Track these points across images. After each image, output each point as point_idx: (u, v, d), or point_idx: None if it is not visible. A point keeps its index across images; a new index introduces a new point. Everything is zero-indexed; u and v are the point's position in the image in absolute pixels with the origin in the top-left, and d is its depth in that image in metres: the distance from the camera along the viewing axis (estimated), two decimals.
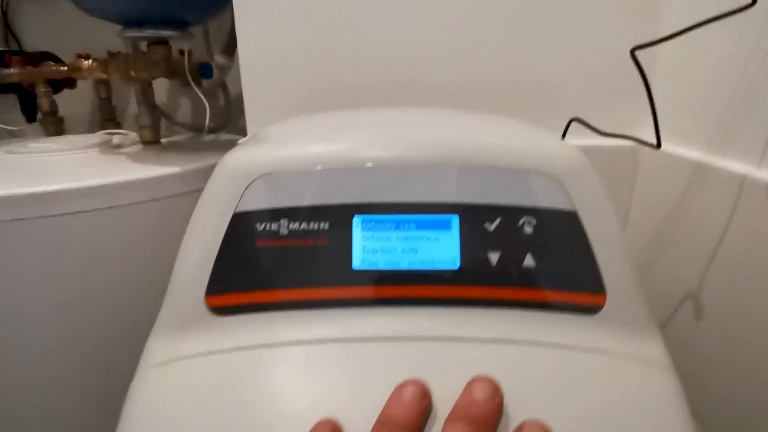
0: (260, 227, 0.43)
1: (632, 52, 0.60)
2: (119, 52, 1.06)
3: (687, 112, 0.73)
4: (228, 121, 1.28)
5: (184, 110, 1.37)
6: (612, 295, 0.42)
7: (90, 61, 1.03)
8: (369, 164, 0.43)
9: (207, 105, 1.08)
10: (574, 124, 0.76)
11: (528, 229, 0.42)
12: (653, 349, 0.42)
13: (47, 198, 0.76)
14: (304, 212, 0.43)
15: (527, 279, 0.42)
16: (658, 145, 0.62)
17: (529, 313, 0.42)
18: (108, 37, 1.07)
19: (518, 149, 0.44)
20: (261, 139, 0.50)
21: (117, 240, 0.83)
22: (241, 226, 0.43)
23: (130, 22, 0.97)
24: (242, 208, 0.43)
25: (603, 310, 0.42)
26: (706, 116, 0.69)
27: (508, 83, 0.83)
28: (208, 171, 0.46)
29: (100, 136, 1.12)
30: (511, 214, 0.43)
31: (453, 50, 0.82)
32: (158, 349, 0.43)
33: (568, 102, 0.83)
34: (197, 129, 1.29)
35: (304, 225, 0.43)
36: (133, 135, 1.17)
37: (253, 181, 0.43)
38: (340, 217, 0.43)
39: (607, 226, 0.43)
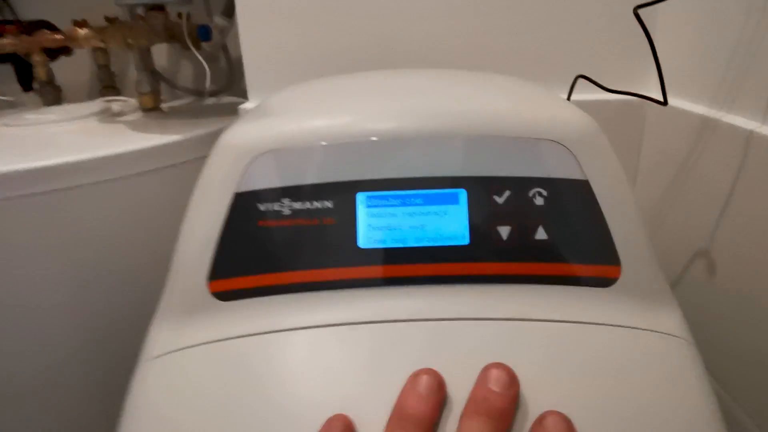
0: (263, 207, 0.41)
1: (635, 10, 0.58)
2: (116, 19, 1.03)
3: (691, 66, 0.72)
4: (230, 84, 1.26)
5: (185, 74, 1.34)
6: (627, 266, 0.41)
7: (85, 29, 0.99)
8: (371, 138, 0.42)
9: (207, 68, 1.06)
10: (579, 81, 0.74)
11: (538, 201, 0.41)
12: (670, 320, 0.41)
13: (46, 173, 0.74)
14: (307, 191, 0.41)
15: (539, 253, 0.41)
16: (665, 101, 0.61)
17: (542, 288, 0.40)
18: (106, 2, 1.05)
19: (525, 117, 0.43)
20: (261, 112, 0.49)
21: (121, 213, 0.82)
22: (242, 206, 0.41)
23: None
24: (243, 187, 0.41)
25: (618, 282, 0.41)
26: (709, 71, 0.68)
27: (512, 41, 0.81)
28: (210, 137, 0.45)
29: (99, 104, 1.10)
30: (520, 185, 0.41)
31: (456, 9, 0.80)
32: (160, 338, 0.42)
33: (571, 59, 0.82)
34: (199, 93, 1.27)
35: (307, 204, 0.41)
36: (133, 102, 1.15)
37: (253, 160, 0.42)
38: (343, 194, 0.41)
39: (620, 195, 0.42)
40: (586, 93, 0.75)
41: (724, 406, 0.64)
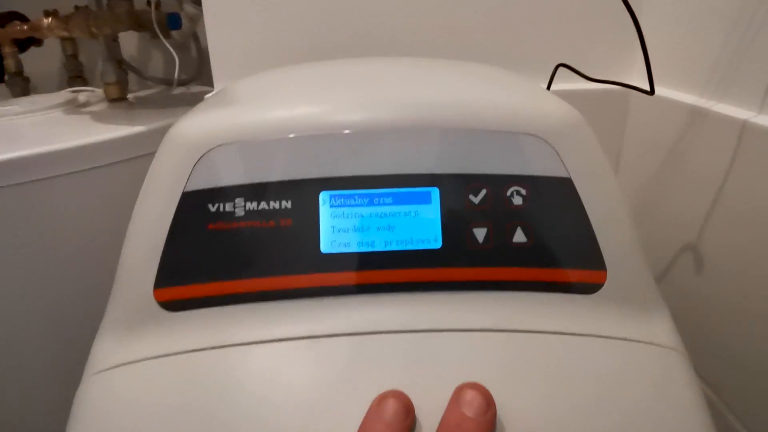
0: (213, 208, 0.37)
1: None
2: (85, 8, 1.00)
3: (679, 53, 0.69)
4: (200, 73, 1.22)
5: (155, 62, 1.31)
6: (613, 271, 0.37)
7: (50, 18, 0.97)
8: (336, 132, 0.38)
9: (176, 57, 1.03)
10: (559, 70, 0.71)
11: (517, 200, 0.37)
12: (660, 329, 0.38)
13: (6, 166, 0.72)
14: (263, 189, 0.37)
15: (518, 257, 0.37)
16: (652, 91, 0.57)
17: (521, 295, 0.37)
18: None
19: (502, 109, 0.39)
20: (215, 102, 0.45)
21: (85, 206, 0.79)
22: (191, 207, 0.37)
23: None
24: (192, 186, 0.38)
25: (603, 288, 0.37)
26: (699, 58, 0.65)
27: (489, 28, 0.78)
28: None
29: (64, 95, 1.07)
30: (497, 183, 0.38)
31: None
32: (103, 351, 0.38)
33: (550, 46, 0.79)
34: (168, 82, 1.23)
35: (263, 204, 0.37)
36: (100, 92, 1.12)
37: (203, 155, 0.38)
38: (304, 193, 0.37)
39: (606, 193, 0.38)
40: (566, 82, 0.72)
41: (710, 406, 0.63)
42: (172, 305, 0.37)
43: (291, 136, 0.38)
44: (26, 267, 0.76)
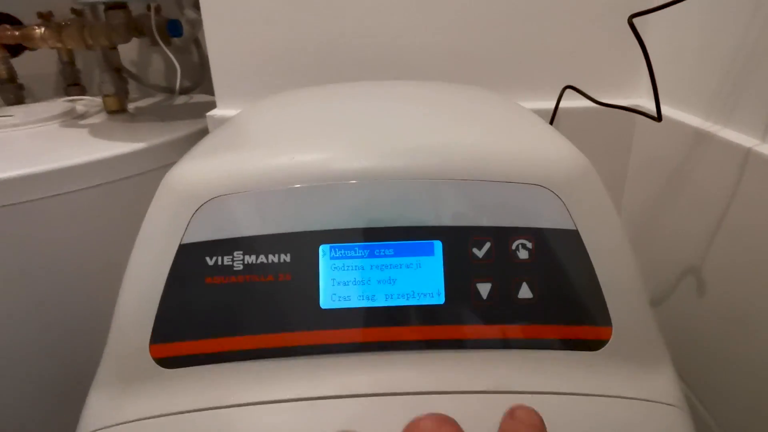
0: (211, 261, 0.36)
1: (630, 20, 0.54)
2: (82, 12, 0.98)
3: (685, 77, 0.69)
4: (203, 79, 1.21)
5: (156, 68, 1.29)
6: (618, 327, 0.36)
7: (43, 29, 0.94)
8: (337, 181, 0.37)
9: (177, 65, 1.01)
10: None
11: (523, 254, 0.36)
12: (664, 385, 0.37)
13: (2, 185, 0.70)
14: (262, 242, 0.36)
15: (522, 313, 0.36)
16: (659, 118, 0.57)
17: (525, 353, 0.36)
18: None
19: (508, 158, 0.38)
20: (216, 144, 0.44)
21: (85, 225, 0.78)
22: (188, 260, 0.36)
23: None
24: (190, 238, 0.37)
25: (608, 344, 0.36)
26: (704, 83, 0.65)
27: (500, 50, 0.78)
28: (178, 143, 0.40)
29: (61, 104, 1.05)
30: (502, 236, 0.37)
31: (440, 15, 0.76)
32: (97, 408, 0.37)
33: (558, 65, 0.78)
34: (170, 90, 1.22)
35: (262, 258, 0.36)
36: (99, 101, 1.09)
37: (201, 206, 0.37)
38: (303, 246, 0.36)
39: (613, 246, 0.37)
40: (573, 100, 0.71)
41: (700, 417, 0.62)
42: (168, 362, 0.36)
43: (292, 187, 0.37)
44: (16, 292, 0.75)
